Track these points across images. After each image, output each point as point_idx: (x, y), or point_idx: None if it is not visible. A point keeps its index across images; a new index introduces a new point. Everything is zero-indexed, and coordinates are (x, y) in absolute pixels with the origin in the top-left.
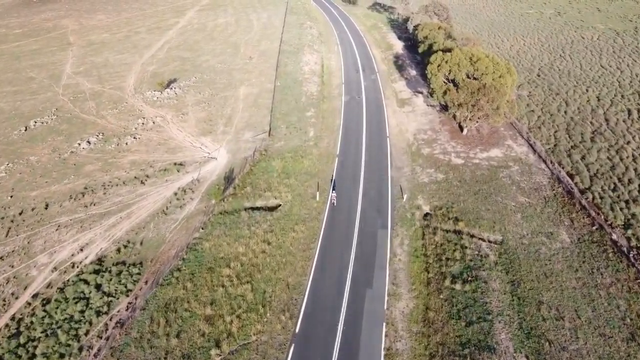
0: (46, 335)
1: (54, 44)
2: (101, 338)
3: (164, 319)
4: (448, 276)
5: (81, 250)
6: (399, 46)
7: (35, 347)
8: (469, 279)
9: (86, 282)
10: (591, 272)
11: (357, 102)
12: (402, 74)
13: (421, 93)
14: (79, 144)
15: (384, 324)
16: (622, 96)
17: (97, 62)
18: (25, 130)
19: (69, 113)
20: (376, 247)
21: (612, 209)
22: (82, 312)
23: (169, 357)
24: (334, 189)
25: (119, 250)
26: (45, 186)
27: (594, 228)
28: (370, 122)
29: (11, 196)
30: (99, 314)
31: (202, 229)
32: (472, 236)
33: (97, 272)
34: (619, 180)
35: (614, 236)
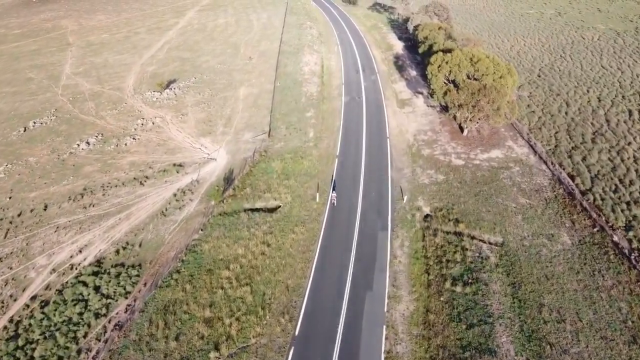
0: (44, 338)
1: (53, 44)
2: (100, 340)
3: (163, 322)
4: (448, 278)
5: (80, 251)
6: (399, 46)
7: (33, 349)
8: (470, 281)
9: (85, 284)
10: (592, 274)
11: (357, 102)
12: (402, 75)
13: (421, 94)
14: (78, 145)
15: (384, 327)
16: (623, 97)
17: (97, 63)
18: (24, 131)
19: (68, 114)
20: (376, 249)
21: (613, 211)
22: (81, 314)
23: None
24: (334, 189)
25: (117, 251)
26: (44, 187)
27: (595, 230)
28: (370, 122)
29: (10, 197)
30: (97, 316)
31: (202, 230)
32: (472, 238)
33: (95, 274)
34: (620, 181)
35: (616, 238)
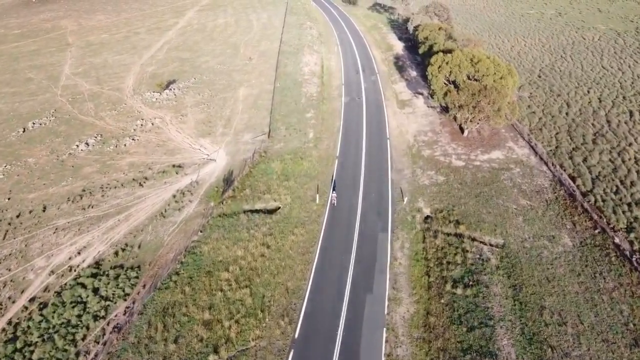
0: (43, 340)
1: (53, 44)
2: (98, 343)
3: (162, 324)
4: (449, 280)
5: (79, 253)
6: (399, 47)
7: (32, 352)
8: (470, 283)
9: (83, 285)
10: (594, 276)
11: (357, 103)
12: (402, 75)
13: (421, 94)
14: (77, 146)
15: (385, 329)
16: (624, 97)
17: (96, 63)
18: (24, 131)
19: (68, 114)
20: (376, 251)
21: (614, 212)
22: (80, 316)
23: None
24: (334, 189)
25: (116, 253)
26: (43, 188)
27: (596, 231)
28: (370, 123)
29: (9, 198)
30: (96, 318)
31: (201, 232)
32: (473, 239)
33: (94, 275)
34: (621, 182)
35: (617, 240)
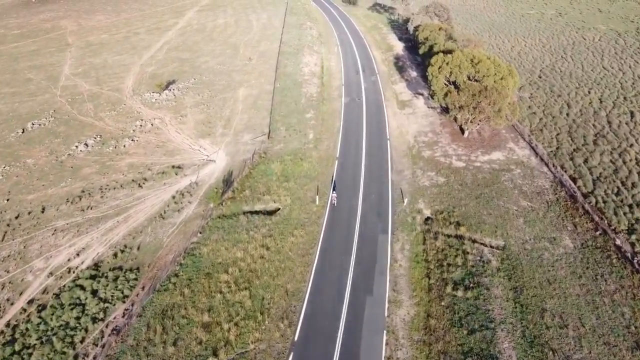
0: (41, 343)
1: (53, 45)
2: (97, 345)
3: (161, 326)
4: (449, 282)
5: (77, 255)
6: (399, 47)
7: (30, 354)
8: (471, 285)
9: (82, 287)
10: (595, 278)
11: (357, 103)
12: (402, 76)
13: (422, 95)
14: (77, 147)
15: (385, 332)
16: (625, 98)
17: (96, 63)
18: (23, 132)
19: (67, 115)
20: (376, 252)
21: (615, 214)
22: (78, 318)
23: None
24: (334, 189)
25: (115, 255)
26: (42, 189)
27: (598, 233)
28: (370, 124)
29: (7, 199)
30: (94, 320)
31: (200, 233)
32: (473, 241)
33: (93, 277)
34: (622, 184)
35: (618, 241)
